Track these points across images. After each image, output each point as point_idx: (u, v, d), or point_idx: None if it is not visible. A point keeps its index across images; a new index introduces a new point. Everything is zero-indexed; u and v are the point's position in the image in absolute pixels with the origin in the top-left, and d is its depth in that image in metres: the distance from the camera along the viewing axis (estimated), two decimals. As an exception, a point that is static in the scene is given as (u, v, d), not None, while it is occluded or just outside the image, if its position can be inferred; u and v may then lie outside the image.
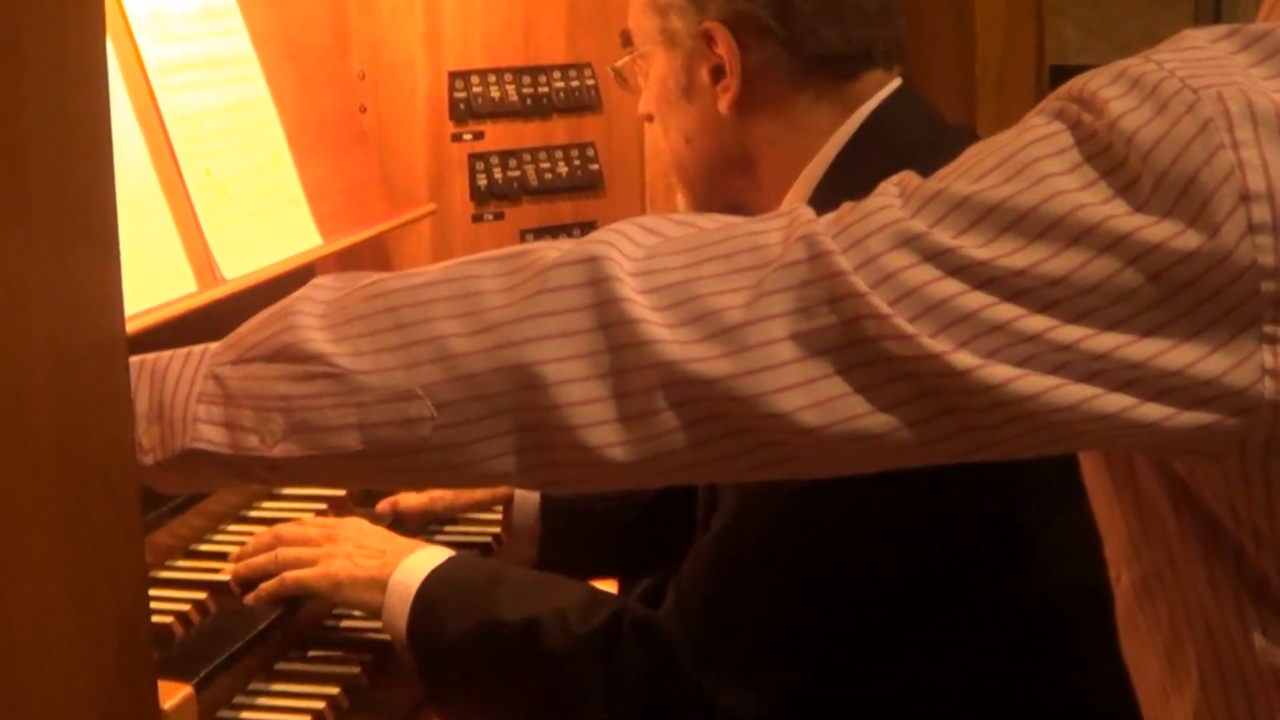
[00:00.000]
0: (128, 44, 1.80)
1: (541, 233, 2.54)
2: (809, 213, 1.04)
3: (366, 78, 2.40)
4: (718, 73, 1.67)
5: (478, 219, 2.49)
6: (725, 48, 1.65)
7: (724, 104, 1.67)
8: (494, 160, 2.49)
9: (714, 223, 1.06)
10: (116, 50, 1.75)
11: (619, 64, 1.84)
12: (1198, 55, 1.00)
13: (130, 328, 1.36)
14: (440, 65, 2.44)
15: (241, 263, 1.88)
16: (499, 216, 2.51)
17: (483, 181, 2.47)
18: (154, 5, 1.85)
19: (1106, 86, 0.99)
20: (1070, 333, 0.96)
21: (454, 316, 1.04)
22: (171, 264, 1.77)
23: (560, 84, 2.55)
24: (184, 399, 1.10)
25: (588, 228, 2.58)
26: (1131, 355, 0.96)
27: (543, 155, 2.54)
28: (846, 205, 1.04)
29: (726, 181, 1.73)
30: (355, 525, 1.77)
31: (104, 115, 1.02)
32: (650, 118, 1.78)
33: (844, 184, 1.55)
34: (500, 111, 2.48)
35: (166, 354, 1.14)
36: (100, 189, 1.03)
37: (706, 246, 1.04)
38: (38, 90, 0.94)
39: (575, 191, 2.58)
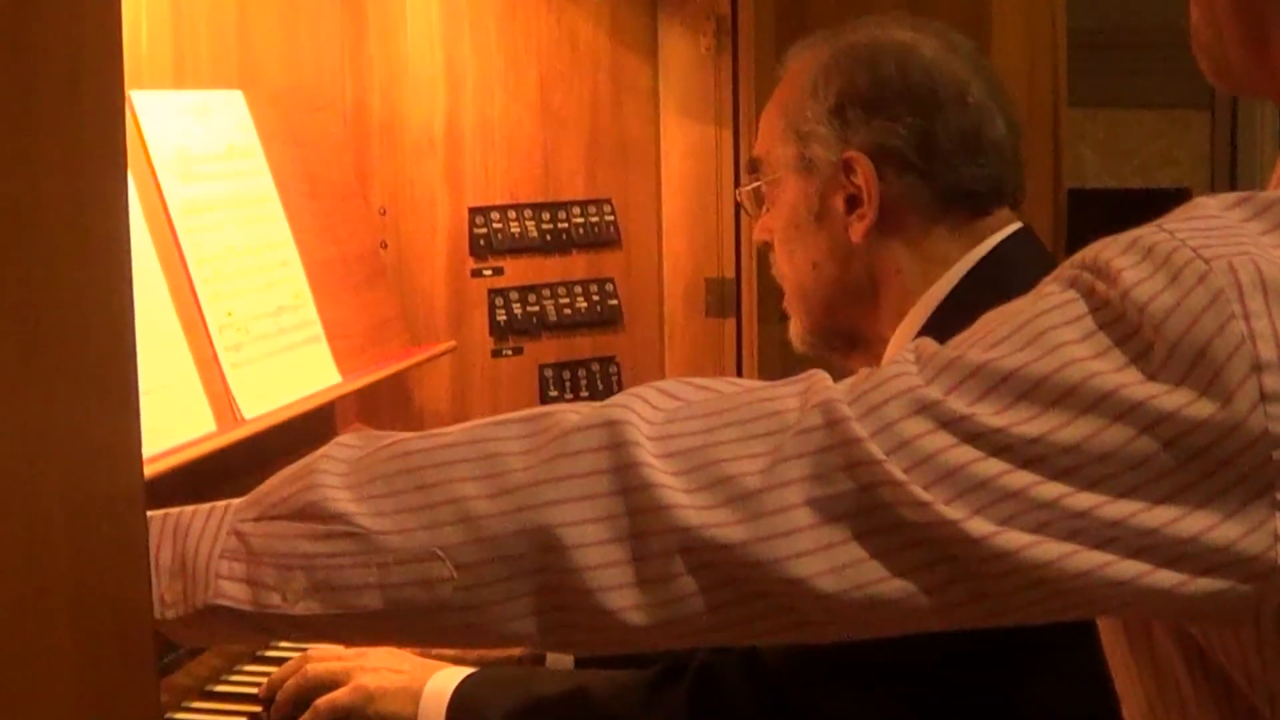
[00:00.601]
0: (150, 184, 1.81)
1: (560, 368, 2.55)
2: (825, 379, 1.05)
3: (387, 213, 2.42)
4: (852, 201, 1.69)
5: (497, 354, 2.49)
6: (865, 177, 1.68)
7: (857, 233, 1.69)
8: (513, 295, 2.50)
9: (733, 387, 1.07)
10: (139, 190, 1.76)
11: (745, 189, 1.87)
12: (1209, 224, 1.01)
13: (150, 470, 1.36)
14: (461, 201, 2.45)
15: (261, 402, 1.87)
16: (518, 352, 2.51)
17: (502, 317, 2.48)
18: (178, 145, 1.87)
19: (1120, 256, 1.00)
20: (1084, 500, 0.96)
21: (475, 479, 1.04)
22: (191, 404, 1.76)
23: (580, 219, 2.56)
24: (206, 555, 1.10)
25: (606, 363, 2.59)
26: (1145, 522, 0.96)
27: (562, 290, 2.55)
28: (863, 371, 1.04)
29: (847, 308, 1.76)
30: (385, 650, 1.76)
31: (125, 260, 1.02)
32: (768, 244, 1.80)
33: (961, 312, 1.57)
34: (520, 247, 2.49)
35: (189, 509, 1.14)
36: (120, 338, 1.02)
37: (725, 412, 1.04)
38: (58, 232, 0.94)
39: (594, 327, 2.58)
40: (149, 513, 1.13)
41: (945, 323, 1.53)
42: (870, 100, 1.71)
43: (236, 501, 1.12)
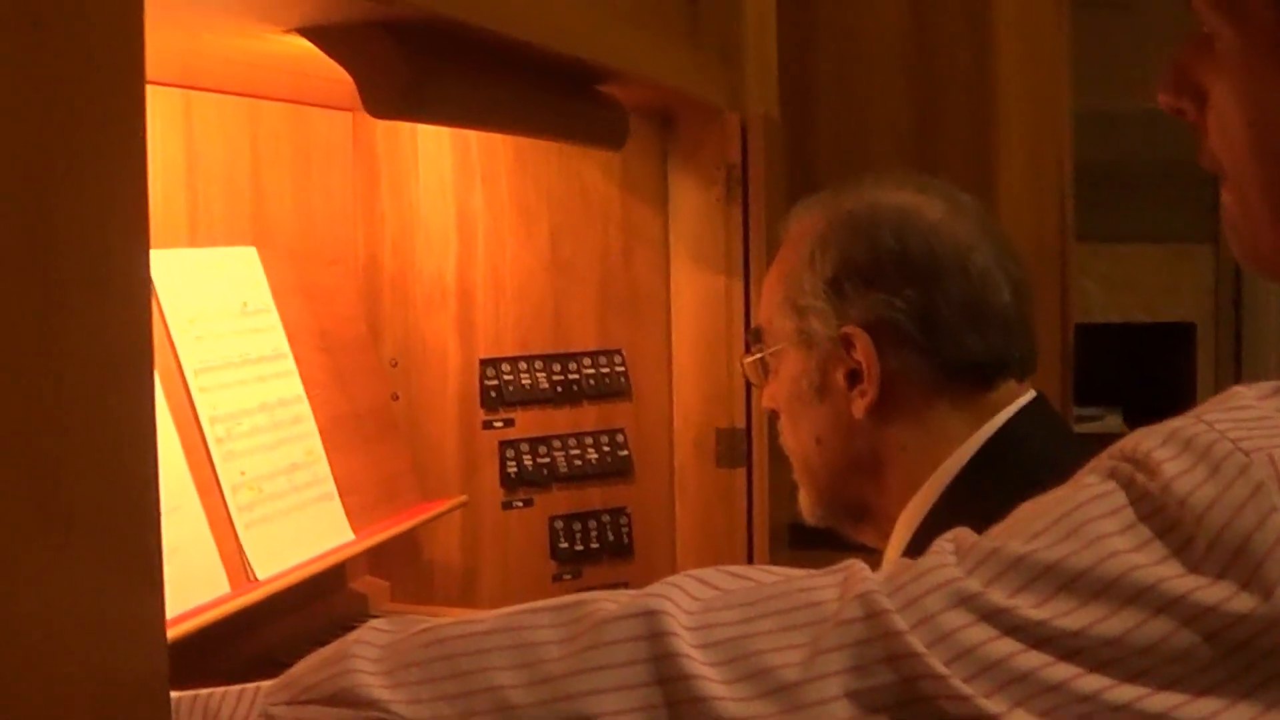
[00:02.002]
0: (166, 346, 1.81)
1: (571, 519, 2.53)
2: (864, 570, 1.05)
3: (399, 365, 2.42)
4: (854, 376, 1.67)
5: (507, 506, 2.48)
6: (864, 353, 1.65)
7: (859, 408, 1.66)
8: (524, 447, 2.49)
9: (771, 576, 1.07)
10: (155, 353, 1.76)
11: (748, 360, 1.85)
12: (1248, 415, 1.01)
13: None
14: (472, 352, 2.45)
15: (274, 562, 1.86)
16: (528, 503, 2.50)
17: (513, 469, 2.47)
18: (193, 304, 1.87)
19: (1160, 447, 1.00)
20: (1126, 693, 0.95)
21: (511, 667, 1.04)
22: (205, 566, 1.75)
23: (590, 370, 2.56)
24: None
25: (617, 514, 2.57)
26: (1186, 716, 0.95)
27: (572, 442, 2.54)
28: (902, 563, 1.05)
29: (852, 483, 1.73)
30: None
31: (151, 436, 1.02)
32: (775, 413, 1.78)
33: (972, 492, 1.56)
34: (530, 398, 2.49)
35: (219, 691, 1.13)
36: (144, 515, 1.02)
37: (763, 601, 1.04)
38: (83, 408, 0.93)
39: (604, 478, 2.57)
40: (175, 694, 1.12)
41: (957, 504, 1.52)
42: (867, 272, 1.68)
43: (267, 684, 1.11)
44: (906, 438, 1.68)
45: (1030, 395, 1.70)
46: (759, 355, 1.81)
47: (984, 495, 1.18)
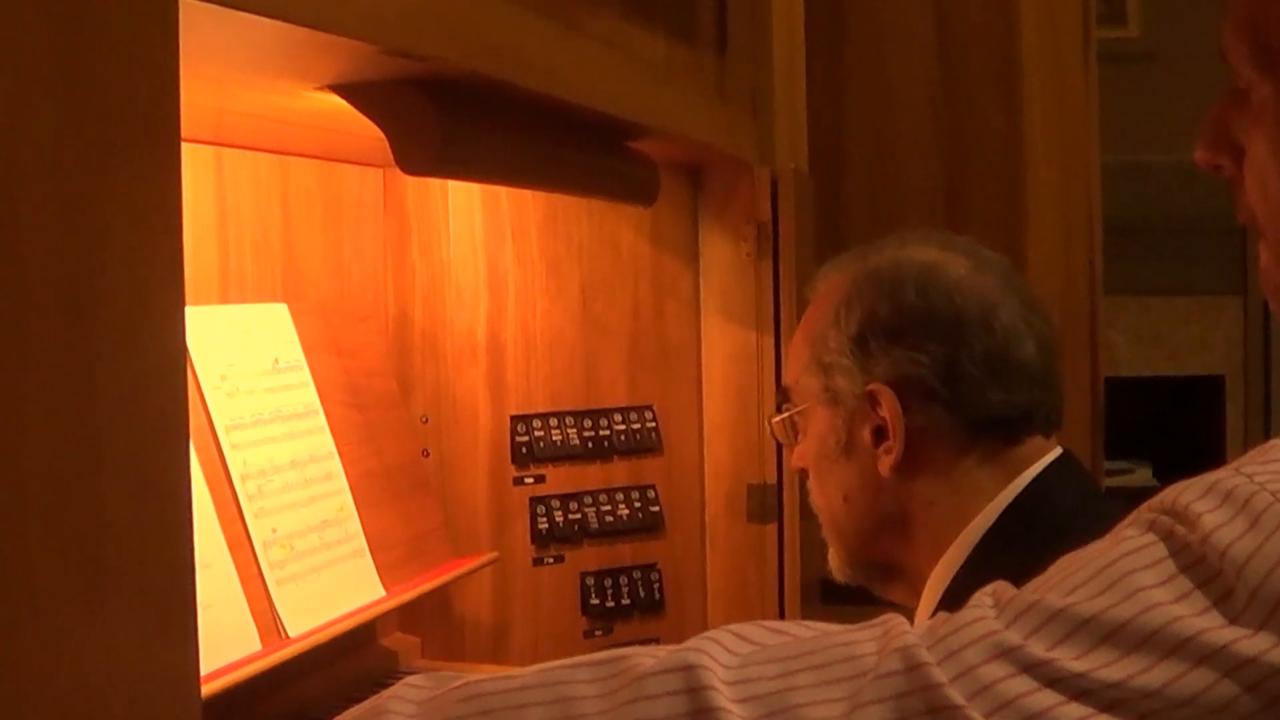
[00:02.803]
0: (197, 402, 1.81)
1: (601, 575, 2.52)
2: (903, 623, 1.05)
3: (429, 421, 2.41)
4: (880, 434, 1.66)
5: (538, 562, 2.47)
6: (889, 410, 1.65)
7: (885, 466, 1.66)
8: (555, 503, 2.48)
9: (809, 631, 1.07)
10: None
11: (776, 419, 1.84)
12: None
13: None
14: (503, 409, 2.45)
15: (306, 619, 1.86)
16: (559, 560, 2.49)
17: (544, 525, 2.46)
18: (224, 361, 1.87)
19: (1199, 500, 1.01)
20: None
21: None
22: (237, 623, 1.75)
23: (621, 426, 2.55)
24: None
25: (648, 570, 2.56)
26: None
27: (603, 498, 2.53)
28: (941, 616, 1.05)
29: (881, 540, 1.72)
30: None
31: (186, 493, 1.02)
32: (804, 472, 1.78)
33: (1002, 549, 1.55)
34: (561, 454, 2.49)
35: None
36: (179, 572, 1.01)
37: (801, 656, 1.03)
38: (119, 462, 0.93)
39: (635, 533, 2.56)
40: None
41: (987, 559, 1.51)
42: (891, 329, 1.67)
43: None
44: (934, 494, 1.67)
45: (1057, 452, 1.69)
46: (787, 415, 1.80)
47: (1014, 552, 1.18)
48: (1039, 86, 3.54)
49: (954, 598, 1.60)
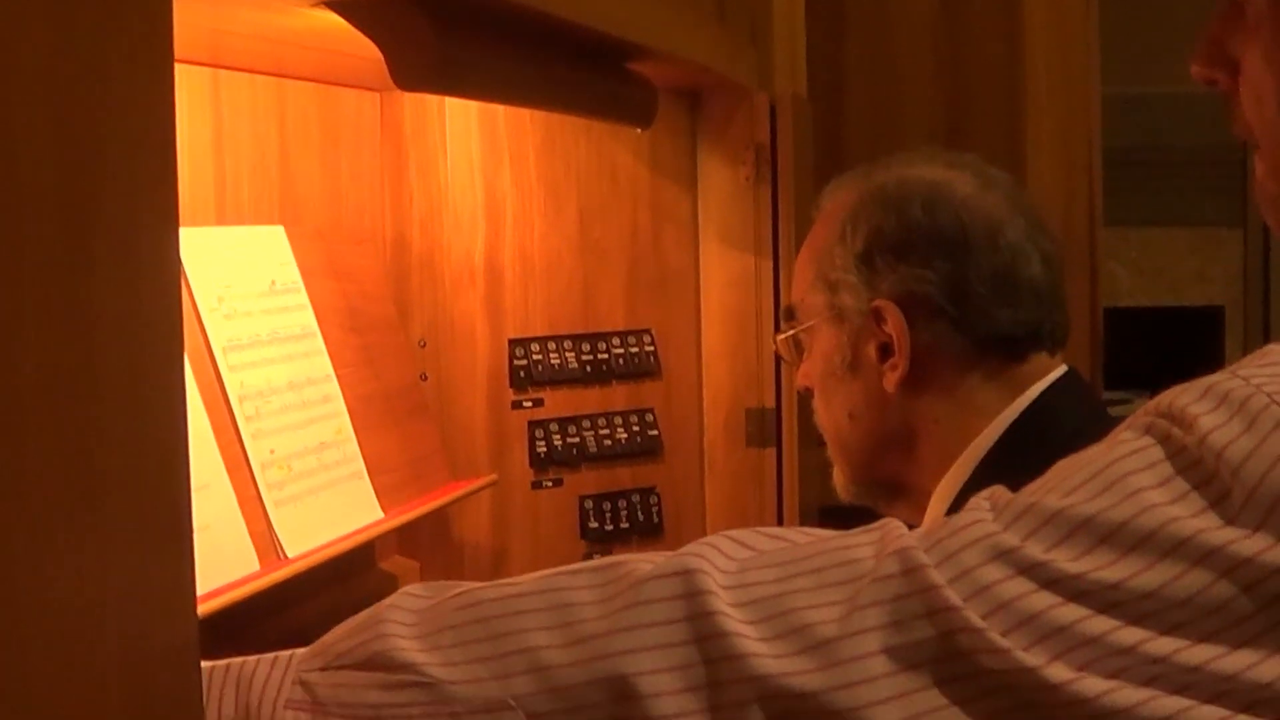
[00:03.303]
0: (194, 323, 1.81)
1: (600, 499, 2.53)
2: (900, 528, 1.05)
3: (427, 345, 2.41)
4: (885, 350, 1.67)
5: (536, 485, 2.48)
6: (895, 326, 1.65)
7: (890, 382, 1.66)
8: (553, 427, 2.48)
9: (806, 537, 1.07)
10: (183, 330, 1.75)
11: (781, 336, 1.84)
12: None
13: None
14: (501, 333, 2.45)
15: (304, 540, 1.86)
16: (558, 483, 2.50)
17: (542, 449, 2.47)
18: (220, 282, 1.87)
19: (1195, 402, 1.01)
20: (1162, 645, 0.96)
21: (547, 628, 1.04)
22: (235, 544, 1.75)
23: (620, 350, 2.55)
24: (271, 705, 1.09)
25: (647, 494, 2.57)
26: (1224, 668, 0.95)
27: (602, 421, 2.53)
28: (938, 521, 1.05)
29: (886, 458, 1.72)
30: None
31: (180, 405, 1.01)
32: (809, 390, 1.78)
33: (1006, 465, 1.55)
34: (560, 378, 2.49)
35: (252, 659, 1.13)
36: (174, 486, 1.01)
37: (799, 561, 1.04)
38: (113, 380, 0.93)
39: (634, 457, 2.56)
40: (207, 663, 1.12)
41: (991, 476, 1.51)
42: (898, 245, 1.67)
43: (301, 651, 1.12)
44: (939, 411, 1.67)
45: (1062, 369, 1.70)
46: (792, 332, 1.80)
47: (1018, 468, 1.17)
48: (1039, 15, 3.53)
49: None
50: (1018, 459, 1.58)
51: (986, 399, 1.66)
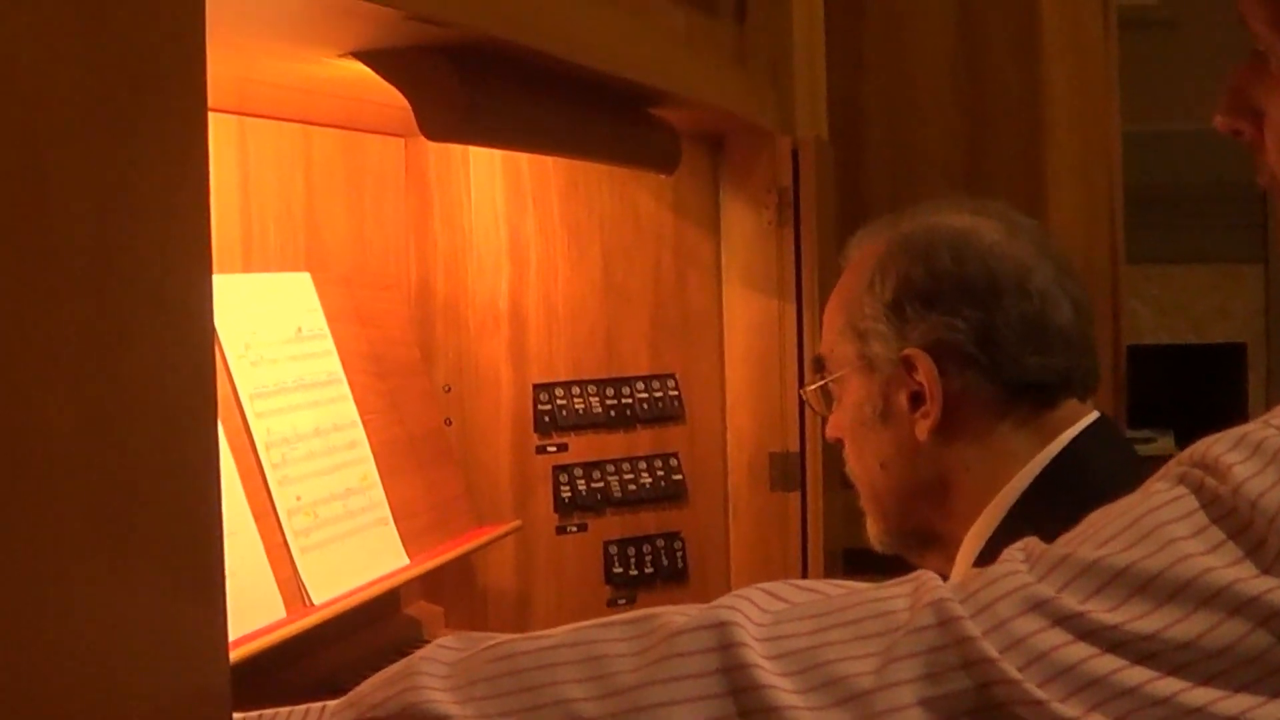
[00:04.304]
0: (221, 371, 1.81)
1: (624, 544, 2.53)
2: (935, 579, 1.05)
3: (452, 390, 2.42)
4: (916, 399, 1.66)
5: (561, 531, 2.48)
6: (926, 374, 1.64)
7: (922, 430, 1.65)
8: (577, 472, 2.48)
9: (839, 589, 1.07)
10: (211, 377, 1.76)
11: (810, 388, 1.83)
12: None
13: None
14: (525, 377, 2.45)
15: (330, 587, 1.86)
16: (582, 528, 2.49)
17: (566, 493, 2.47)
18: (247, 332, 1.87)
19: (1229, 452, 1.01)
20: (1200, 696, 0.95)
21: (581, 680, 1.03)
22: (262, 590, 1.75)
23: (643, 394, 2.55)
24: None
25: (671, 538, 2.57)
26: (1260, 717, 0.95)
27: (626, 466, 2.53)
28: (973, 572, 1.05)
29: (919, 507, 1.71)
30: None
31: (213, 455, 1.02)
32: (840, 441, 1.77)
33: (1036, 513, 1.54)
34: (584, 423, 2.49)
35: (284, 711, 1.13)
36: (208, 530, 1.02)
37: (833, 613, 1.04)
38: (146, 425, 0.93)
39: (658, 502, 2.56)
40: (239, 715, 1.12)
41: (1022, 524, 1.50)
42: (927, 294, 1.67)
43: (332, 703, 1.11)
44: (970, 458, 1.66)
45: (1094, 415, 1.69)
46: (822, 383, 1.80)
47: (1049, 516, 1.17)
48: (1059, 55, 3.53)
49: (988, 560, 1.60)
50: (1048, 507, 1.57)
51: (1018, 445, 1.65)
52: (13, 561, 0.83)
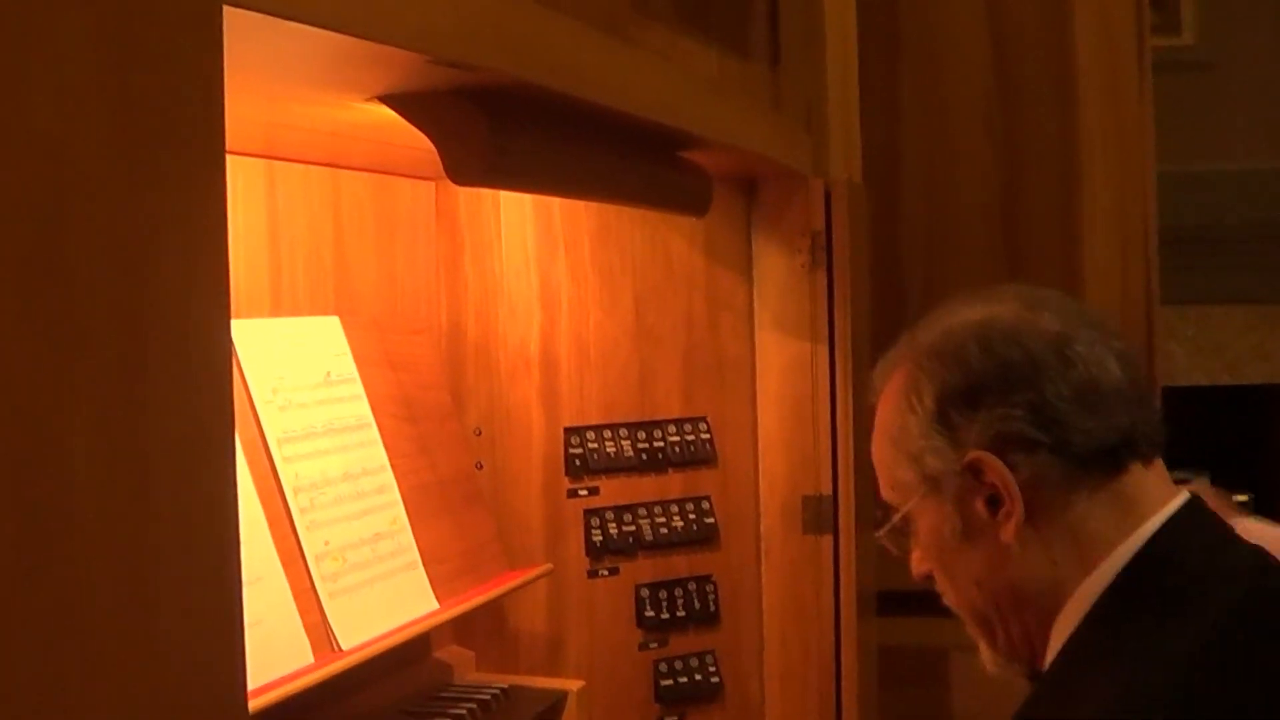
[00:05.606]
0: (249, 415, 1.81)
1: (656, 588, 2.51)
2: None
3: (483, 434, 2.41)
4: (992, 502, 1.59)
5: (593, 574, 2.47)
6: (995, 472, 1.56)
7: (1009, 532, 1.58)
8: (609, 515, 2.47)
9: None
10: (238, 422, 1.75)
11: (883, 531, 1.74)
12: None
13: (250, 705, 1.34)
14: (556, 421, 2.44)
15: (359, 632, 1.85)
16: (614, 572, 2.48)
17: (598, 537, 2.45)
18: (276, 374, 1.87)
19: None
20: None
21: None
22: (289, 636, 1.74)
23: (675, 438, 2.54)
24: None
25: (703, 582, 2.55)
26: None
27: (658, 510, 2.52)
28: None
29: (1021, 620, 1.64)
30: None
31: (231, 496, 1.01)
32: (929, 576, 1.70)
33: (1118, 613, 1.49)
34: (616, 467, 2.48)
35: None
36: (227, 584, 1.01)
37: None
38: (165, 465, 0.93)
39: (690, 545, 2.55)
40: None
41: (1107, 621, 1.47)
42: (968, 393, 1.59)
43: None
44: (1058, 554, 1.58)
45: (1184, 498, 1.61)
46: (892, 523, 1.72)
47: (1134, 614, 1.15)
48: (1094, 97, 3.52)
49: (1069, 658, 1.55)
50: (1134, 603, 1.51)
51: (1100, 527, 1.57)
52: (34, 597, 0.82)
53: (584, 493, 2.46)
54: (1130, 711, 1.38)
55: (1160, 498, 1.59)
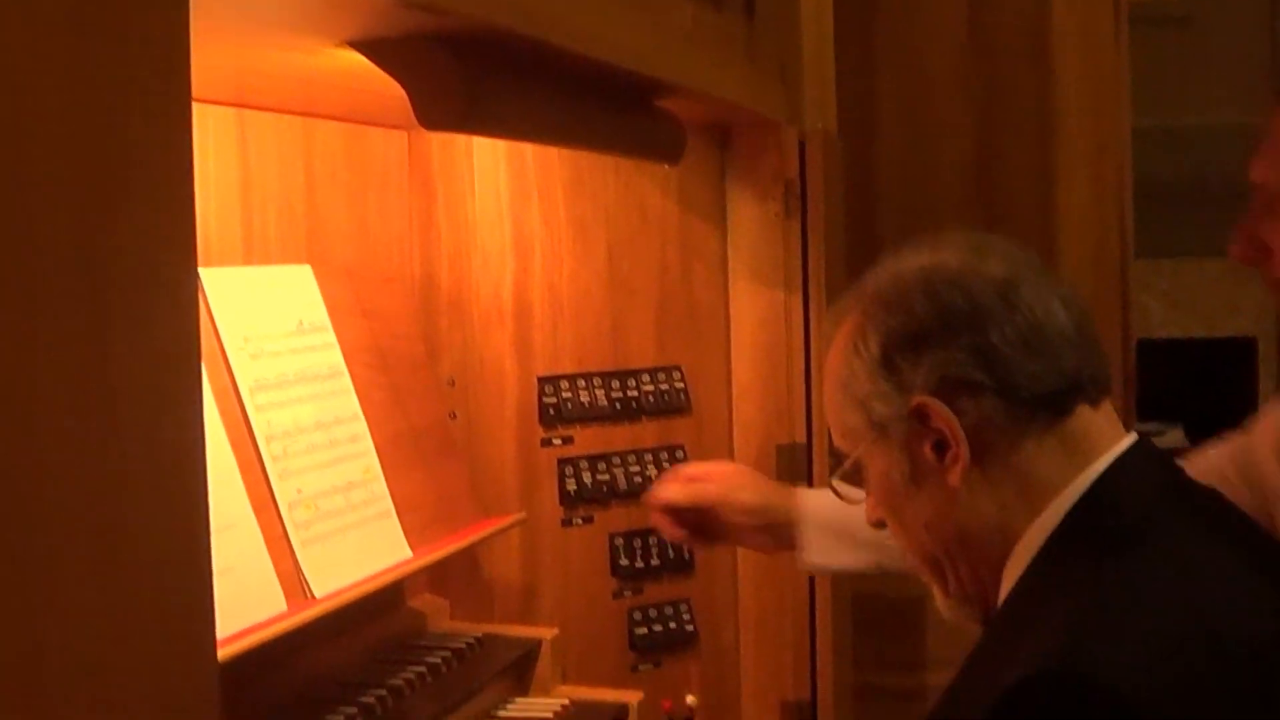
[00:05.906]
0: (220, 363, 1.80)
1: (630, 536, 2.52)
2: None
3: (456, 384, 2.41)
4: (939, 446, 1.58)
5: (566, 523, 2.47)
6: (941, 417, 1.56)
7: (955, 475, 1.57)
8: (583, 464, 2.48)
9: None
10: (208, 368, 1.75)
11: (837, 476, 1.75)
12: None
13: (221, 653, 1.34)
14: (530, 370, 2.44)
15: (332, 579, 1.85)
16: (588, 520, 2.49)
17: (572, 486, 2.46)
18: (247, 323, 1.86)
19: None
20: None
21: None
22: (262, 583, 1.74)
23: (649, 387, 2.55)
24: None
25: (677, 531, 2.55)
26: None
27: (632, 458, 2.52)
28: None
29: (971, 559, 1.64)
30: None
31: (200, 448, 1.01)
32: (882, 522, 1.70)
33: (1066, 553, 1.50)
34: (589, 416, 2.48)
35: None
36: (194, 524, 1.01)
37: None
38: (132, 416, 0.92)
39: (665, 495, 2.55)
40: None
41: (1053, 562, 1.48)
42: (913, 339, 1.58)
43: None
44: (1006, 497, 1.59)
45: (1130, 440, 1.61)
46: (843, 469, 1.73)
47: (1079, 555, 1.16)
48: (1069, 49, 3.52)
49: (1016, 602, 1.56)
50: (1080, 543, 1.52)
51: (1048, 470, 1.57)
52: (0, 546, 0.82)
53: (558, 442, 2.46)
54: (1071, 651, 1.38)
55: (1108, 440, 1.59)
